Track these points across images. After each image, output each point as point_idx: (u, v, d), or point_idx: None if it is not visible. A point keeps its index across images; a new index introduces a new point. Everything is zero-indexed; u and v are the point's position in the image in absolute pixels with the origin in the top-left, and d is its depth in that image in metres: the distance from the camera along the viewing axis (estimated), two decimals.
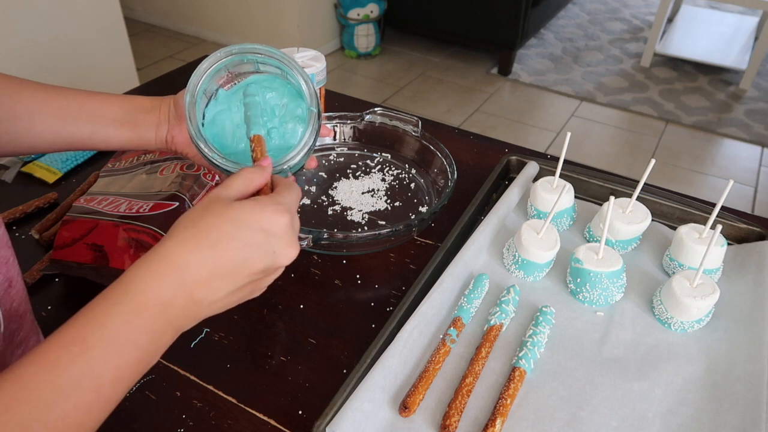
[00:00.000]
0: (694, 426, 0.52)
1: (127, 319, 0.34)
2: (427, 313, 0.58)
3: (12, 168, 0.80)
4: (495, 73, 2.91)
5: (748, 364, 0.56)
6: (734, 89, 2.84)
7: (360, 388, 0.51)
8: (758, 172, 2.32)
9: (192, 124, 0.49)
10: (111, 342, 0.33)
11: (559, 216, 0.73)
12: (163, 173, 0.73)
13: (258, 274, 0.39)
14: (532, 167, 0.80)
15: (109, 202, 0.68)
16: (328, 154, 0.86)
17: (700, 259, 0.61)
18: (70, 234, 0.64)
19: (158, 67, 2.79)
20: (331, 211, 0.76)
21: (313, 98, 0.52)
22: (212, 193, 0.40)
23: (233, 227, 0.37)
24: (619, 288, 0.64)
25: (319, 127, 0.52)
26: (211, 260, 0.36)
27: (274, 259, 0.39)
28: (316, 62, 0.84)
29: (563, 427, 0.52)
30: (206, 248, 0.36)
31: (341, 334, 0.61)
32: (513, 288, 0.63)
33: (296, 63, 0.52)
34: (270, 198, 0.40)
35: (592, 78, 2.89)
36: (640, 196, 0.73)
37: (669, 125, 2.57)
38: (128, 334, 0.34)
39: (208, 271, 0.36)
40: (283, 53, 0.51)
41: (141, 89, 1.04)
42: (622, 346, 0.59)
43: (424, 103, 2.65)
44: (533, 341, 0.57)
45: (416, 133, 0.83)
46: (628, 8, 3.69)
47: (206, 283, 0.36)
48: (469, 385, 0.54)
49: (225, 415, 0.53)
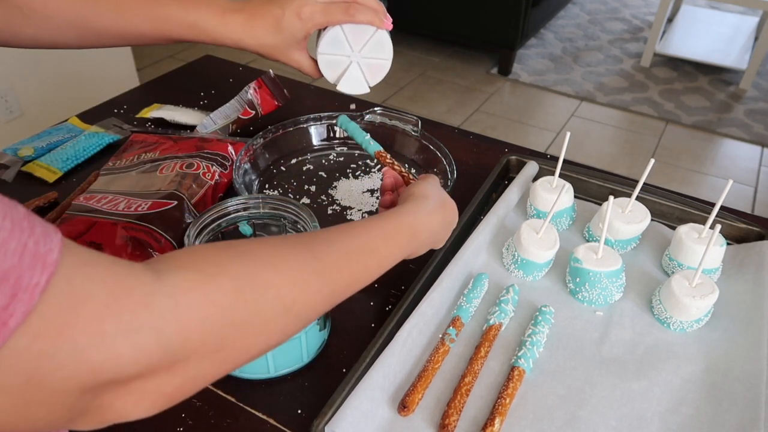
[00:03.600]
0: (693, 426, 0.52)
1: (384, 235, 0.47)
2: (426, 312, 0.58)
3: (12, 167, 0.80)
4: (495, 73, 2.91)
5: (747, 363, 0.56)
6: (734, 89, 2.84)
7: (359, 387, 0.51)
8: (758, 172, 2.32)
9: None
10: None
11: (558, 216, 0.73)
12: (163, 172, 0.73)
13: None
14: (531, 167, 0.80)
15: (108, 200, 0.68)
16: (328, 154, 0.86)
17: (699, 258, 0.61)
18: (69, 232, 0.64)
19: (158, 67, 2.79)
20: (331, 210, 0.76)
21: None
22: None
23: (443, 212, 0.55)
24: (618, 287, 0.64)
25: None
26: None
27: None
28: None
29: (562, 426, 0.52)
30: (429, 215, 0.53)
31: (340, 333, 0.61)
32: (512, 287, 0.63)
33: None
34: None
35: (592, 78, 2.89)
36: (640, 195, 0.73)
37: (669, 125, 2.57)
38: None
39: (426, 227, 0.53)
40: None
41: (141, 89, 1.04)
42: (621, 345, 0.59)
43: (424, 103, 2.65)
44: (532, 341, 0.57)
45: (416, 132, 0.83)
46: (628, 8, 3.69)
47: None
48: (468, 384, 0.54)
49: (224, 414, 0.53)
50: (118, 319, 0.27)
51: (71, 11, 0.58)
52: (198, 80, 1.05)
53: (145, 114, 0.92)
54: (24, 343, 0.24)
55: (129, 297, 0.27)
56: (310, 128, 0.86)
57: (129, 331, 0.27)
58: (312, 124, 0.86)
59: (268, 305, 0.35)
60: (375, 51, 0.67)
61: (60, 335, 0.25)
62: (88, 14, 0.59)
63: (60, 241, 0.26)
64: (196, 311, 0.30)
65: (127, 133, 0.88)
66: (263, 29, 0.63)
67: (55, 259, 0.25)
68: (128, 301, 0.27)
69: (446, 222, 0.56)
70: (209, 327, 0.31)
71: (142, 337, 0.27)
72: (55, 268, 0.25)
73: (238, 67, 1.09)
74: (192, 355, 0.30)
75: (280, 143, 0.83)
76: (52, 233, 0.26)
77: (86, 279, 0.26)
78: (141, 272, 0.29)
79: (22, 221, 0.25)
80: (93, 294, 0.26)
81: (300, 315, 0.38)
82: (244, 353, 0.35)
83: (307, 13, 0.62)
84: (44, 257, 0.25)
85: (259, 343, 0.35)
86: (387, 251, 0.47)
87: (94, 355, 0.26)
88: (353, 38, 0.65)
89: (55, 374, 0.25)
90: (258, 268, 0.35)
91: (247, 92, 0.88)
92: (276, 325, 0.36)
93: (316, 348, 0.58)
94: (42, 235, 0.25)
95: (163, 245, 0.64)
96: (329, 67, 0.68)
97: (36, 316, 0.24)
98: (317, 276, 0.39)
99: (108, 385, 0.27)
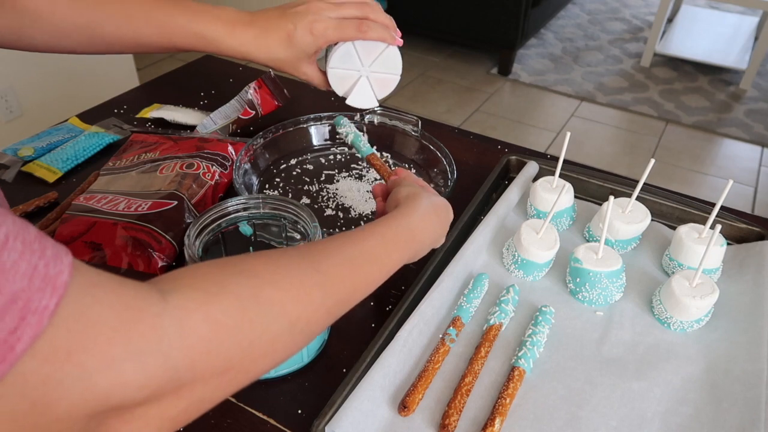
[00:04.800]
0: (693, 425, 0.52)
1: (383, 241, 0.47)
2: (426, 312, 0.58)
3: (12, 167, 0.80)
4: (495, 73, 2.91)
5: (748, 363, 0.56)
6: (734, 89, 2.84)
7: (359, 388, 0.51)
8: (758, 172, 2.32)
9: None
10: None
11: (558, 216, 0.73)
12: (163, 172, 0.73)
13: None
14: (531, 167, 0.80)
15: (108, 200, 0.68)
16: (328, 154, 0.86)
17: (699, 258, 0.61)
18: (69, 232, 0.65)
19: (158, 67, 2.79)
20: (331, 210, 0.76)
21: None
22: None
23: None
24: (618, 288, 0.64)
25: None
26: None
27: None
28: None
29: (562, 426, 0.52)
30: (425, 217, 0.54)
31: (340, 333, 0.61)
32: (512, 287, 0.63)
33: None
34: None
35: (592, 78, 2.89)
36: (640, 195, 0.73)
37: (669, 125, 2.57)
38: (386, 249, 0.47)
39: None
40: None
41: (141, 89, 1.04)
42: (622, 345, 0.59)
43: (424, 103, 2.65)
44: (532, 341, 0.57)
45: (416, 132, 0.83)
46: (628, 8, 3.69)
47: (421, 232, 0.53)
48: (469, 384, 0.54)
49: (224, 414, 0.53)
50: (126, 343, 0.26)
51: (80, 18, 0.58)
52: (198, 80, 1.05)
53: (145, 114, 0.92)
54: (31, 367, 0.23)
55: (137, 320, 0.27)
56: (310, 128, 0.86)
57: (137, 355, 0.27)
58: (312, 124, 0.86)
59: (274, 323, 0.34)
60: (385, 66, 0.67)
61: (68, 360, 0.24)
62: (96, 21, 0.59)
63: (70, 263, 0.25)
64: (201, 333, 0.30)
65: (127, 133, 0.88)
66: (275, 43, 0.62)
67: (65, 281, 0.25)
68: (137, 325, 0.27)
69: (441, 219, 0.55)
70: (215, 349, 0.30)
71: (150, 361, 0.27)
72: (65, 290, 0.24)
73: (238, 67, 1.09)
74: (198, 378, 0.30)
75: (280, 143, 0.83)
76: (62, 255, 0.25)
77: (95, 301, 0.26)
78: (148, 293, 0.29)
79: (33, 243, 0.24)
80: (102, 317, 0.26)
81: (305, 330, 0.37)
82: (251, 373, 0.34)
83: (320, 29, 0.62)
84: (54, 279, 0.24)
85: (266, 362, 0.35)
86: (387, 257, 0.47)
87: (101, 380, 0.25)
88: (364, 53, 0.65)
89: (61, 400, 0.24)
90: (260, 285, 0.35)
91: (247, 92, 0.88)
92: (281, 342, 0.36)
93: (316, 348, 0.58)
94: (52, 257, 0.25)
95: (163, 245, 0.64)
96: (339, 81, 0.67)
97: (44, 340, 0.23)
98: (320, 289, 0.39)
99: (114, 411, 0.27)
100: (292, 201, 0.58)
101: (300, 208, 0.57)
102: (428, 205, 0.53)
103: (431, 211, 0.53)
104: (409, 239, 0.50)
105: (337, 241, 0.43)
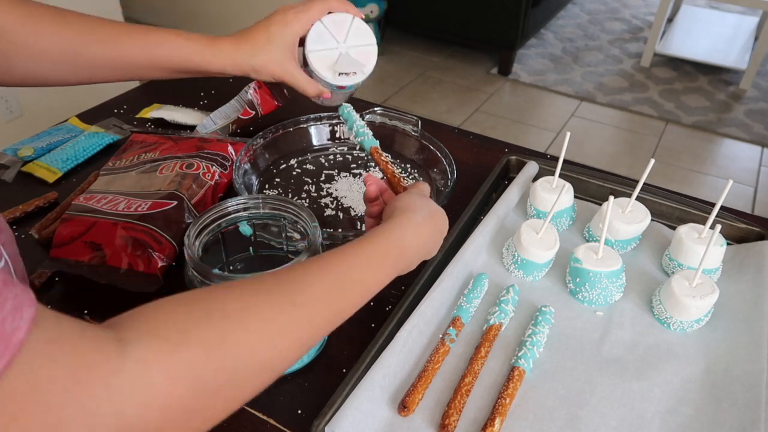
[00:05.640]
0: (693, 426, 0.52)
1: (368, 261, 0.46)
2: (426, 312, 0.58)
3: (12, 168, 0.80)
4: (495, 73, 2.91)
5: (747, 363, 0.56)
6: (734, 89, 2.84)
7: (359, 388, 0.51)
8: (758, 172, 2.32)
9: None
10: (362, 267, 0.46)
11: (558, 216, 0.73)
12: (163, 172, 0.73)
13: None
14: (531, 167, 0.80)
15: (108, 200, 0.68)
16: (328, 154, 0.86)
17: (699, 258, 0.61)
18: (69, 232, 0.65)
19: None
20: (331, 210, 0.76)
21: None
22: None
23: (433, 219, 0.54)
24: (618, 288, 0.64)
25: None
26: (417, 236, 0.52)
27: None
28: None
29: (562, 426, 0.52)
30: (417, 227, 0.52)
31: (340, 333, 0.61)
32: (512, 287, 0.63)
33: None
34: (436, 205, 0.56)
35: (592, 78, 2.89)
36: (640, 195, 0.73)
37: (669, 125, 2.57)
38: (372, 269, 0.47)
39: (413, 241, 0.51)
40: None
41: (141, 89, 1.04)
42: (622, 345, 0.59)
43: (424, 103, 2.65)
44: (532, 341, 0.57)
45: (416, 132, 0.83)
46: (628, 8, 3.69)
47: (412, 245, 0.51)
48: (469, 384, 0.54)
49: None
50: (75, 404, 0.25)
51: (65, 44, 0.58)
52: (198, 80, 1.05)
53: (145, 114, 0.92)
54: None
55: (90, 379, 0.26)
56: (310, 128, 0.86)
57: (87, 417, 0.26)
58: (312, 124, 0.86)
59: (242, 368, 0.33)
60: (359, 38, 0.69)
61: (12, 423, 0.24)
62: (81, 45, 0.59)
63: (30, 317, 0.25)
64: (159, 389, 0.29)
65: (127, 133, 0.88)
66: (254, 44, 0.64)
67: (19, 339, 0.24)
68: (89, 384, 0.26)
69: (435, 231, 0.54)
70: (175, 402, 0.29)
71: (99, 421, 0.26)
72: (18, 349, 0.24)
73: None
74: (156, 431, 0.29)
75: (280, 143, 0.83)
76: (24, 307, 0.25)
77: (48, 360, 0.25)
78: (105, 345, 0.28)
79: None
80: (53, 378, 0.25)
81: (276, 368, 0.36)
82: (217, 417, 0.33)
83: (290, 15, 0.66)
84: (9, 337, 0.23)
85: (234, 405, 0.34)
86: (372, 278, 0.46)
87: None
88: (335, 30, 0.68)
89: None
90: (228, 328, 0.33)
91: (247, 92, 0.88)
92: (250, 384, 0.35)
93: (316, 348, 0.58)
94: (11, 310, 0.24)
95: (163, 245, 0.64)
96: (322, 62, 0.68)
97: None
98: (295, 324, 0.37)
99: None
100: (292, 201, 0.58)
101: (300, 208, 0.57)
102: (423, 217, 0.51)
103: (426, 223, 0.52)
104: (398, 256, 0.48)
105: (319, 266, 0.42)
